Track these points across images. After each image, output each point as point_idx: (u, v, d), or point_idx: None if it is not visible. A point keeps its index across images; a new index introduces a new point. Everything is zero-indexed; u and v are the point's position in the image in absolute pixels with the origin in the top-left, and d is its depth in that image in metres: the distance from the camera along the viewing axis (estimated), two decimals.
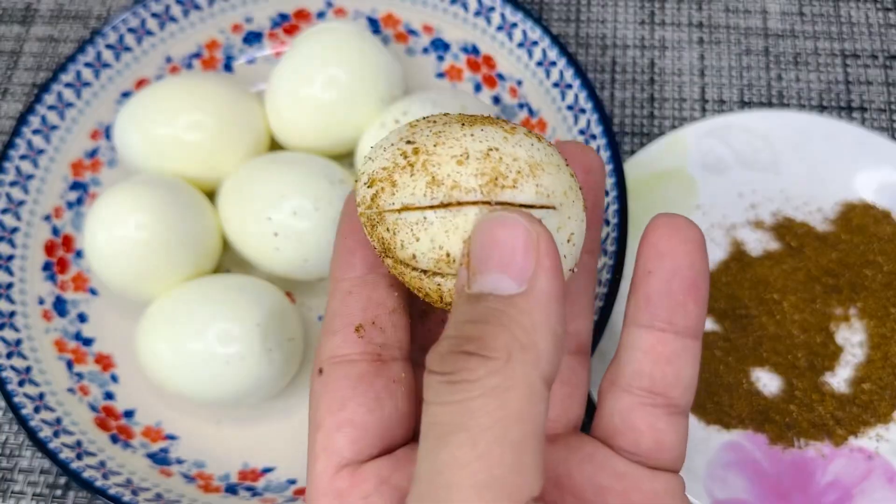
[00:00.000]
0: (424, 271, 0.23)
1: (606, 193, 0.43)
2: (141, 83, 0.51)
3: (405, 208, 0.23)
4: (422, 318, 0.29)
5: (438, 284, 0.23)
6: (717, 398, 0.44)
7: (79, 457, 0.40)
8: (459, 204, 0.22)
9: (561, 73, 0.46)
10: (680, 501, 0.25)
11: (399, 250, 0.23)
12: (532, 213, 0.22)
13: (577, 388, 0.28)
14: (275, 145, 0.49)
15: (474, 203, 0.22)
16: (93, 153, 0.50)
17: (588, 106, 0.45)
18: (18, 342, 0.44)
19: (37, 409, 0.42)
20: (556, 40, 0.47)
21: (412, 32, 0.52)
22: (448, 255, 0.23)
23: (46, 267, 0.47)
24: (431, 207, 0.22)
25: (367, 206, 0.24)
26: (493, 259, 0.21)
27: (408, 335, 0.27)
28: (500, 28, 0.49)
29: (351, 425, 0.24)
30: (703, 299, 0.25)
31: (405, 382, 0.26)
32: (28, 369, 0.43)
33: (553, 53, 0.47)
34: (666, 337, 0.25)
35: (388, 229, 0.23)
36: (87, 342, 0.46)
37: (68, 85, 0.49)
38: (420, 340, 0.29)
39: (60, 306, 0.46)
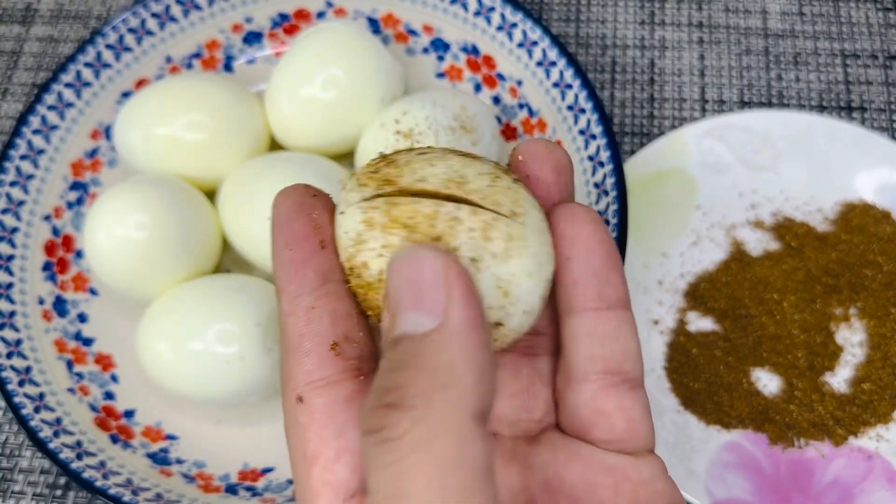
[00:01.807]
0: None
1: (606, 193, 0.43)
2: (141, 83, 0.51)
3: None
4: None
5: None
6: (717, 398, 0.44)
7: (79, 457, 0.40)
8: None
9: (561, 73, 0.46)
10: (667, 483, 0.25)
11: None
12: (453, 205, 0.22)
13: (543, 386, 0.27)
14: (275, 145, 0.49)
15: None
16: (93, 153, 0.50)
17: (588, 106, 0.45)
18: (18, 342, 0.44)
19: (37, 409, 0.42)
20: (556, 40, 0.47)
21: (412, 32, 0.52)
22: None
23: (46, 267, 0.47)
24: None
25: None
26: (404, 297, 0.20)
27: (373, 340, 0.25)
28: (500, 28, 0.49)
29: (350, 453, 0.22)
30: (621, 268, 0.25)
31: None
32: (28, 369, 0.43)
33: (553, 53, 0.47)
34: (602, 314, 0.25)
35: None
36: (87, 342, 0.46)
37: (68, 85, 0.49)
38: None
39: (60, 306, 0.46)
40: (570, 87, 0.46)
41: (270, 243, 0.25)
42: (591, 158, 0.44)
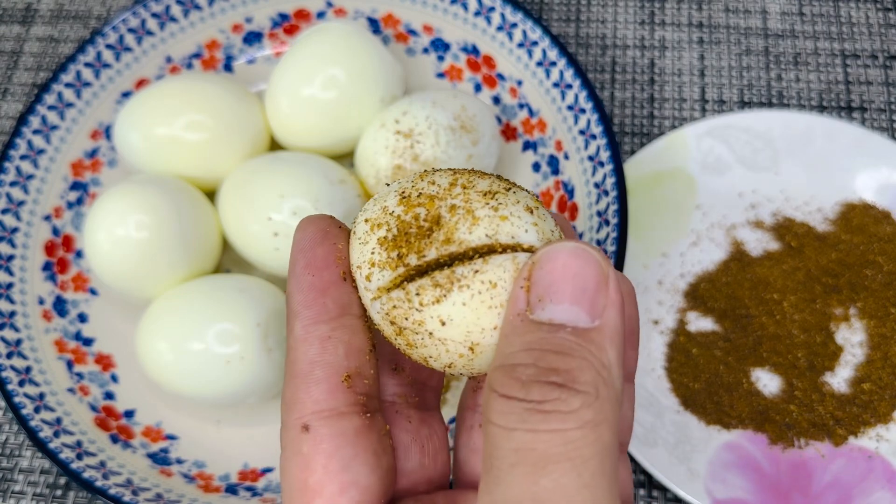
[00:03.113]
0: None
1: (606, 193, 0.43)
2: (141, 83, 0.51)
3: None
4: (395, 371, 0.28)
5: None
6: (717, 398, 0.44)
7: (79, 457, 0.40)
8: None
9: (561, 73, 0.46)
10: None
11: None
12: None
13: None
14: (275, 145, 0.49)
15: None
16: (93, 153, 0.50)
17: (588, 106, 0.45)
18: (18, 342, 0.44)
19: (37, 409, 0.42)
20: (556, 40, 0.47)
21: (412, 32, 0.52)
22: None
23: (46, 267, 0.47)
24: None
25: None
26: (567, 290, 0.21)
27: (379, 379, 0.25)
28: (500, 28, 0.49)
29: (356, 487, 0.22)
30: (637, 344, 0.26)
31: (389, 436, 0.24)
32: (28, 369, 0.43)
33: (553, 53, 0.47)
34: None
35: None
36: (87, 342, 0.46)
37: (68, 85, 0.49)
38: (409, 372, 0.27)
39: (60, 306, 0.46)
40: (570, 87, 0.46)
41: (290, 265, 0.24)
42: (591, 158, 0.44)
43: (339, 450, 0.22)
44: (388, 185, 0.27)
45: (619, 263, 0.41)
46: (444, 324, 0.22)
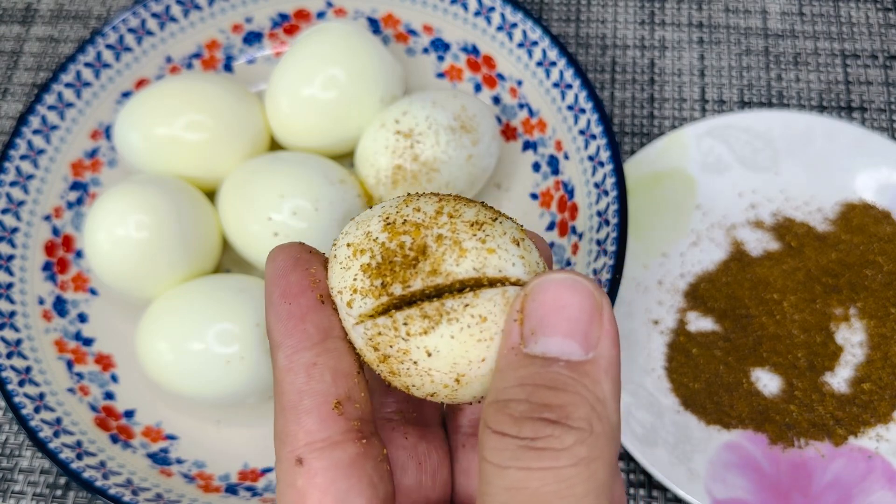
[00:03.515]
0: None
1: (606, 193, 0.43)
2: (141, 83, 0.51)
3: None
4: (391, 387, 0.28)
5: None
6: (717, 398, 0.44)
7: (79, 457, 0.40)
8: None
9: (561, 73, 0.46)
10: None
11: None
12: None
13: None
14: (275, 145, 0.49)
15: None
16: (93, 153, 0.50)
17: (588, 106, 0.45)
18: (18, 342, 0.44)
19: (37, 409, 0.42)
20: (556, 40, 0.47)
21: (412, 32, 0.52)
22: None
23: (46, 267, 0.47)
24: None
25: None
26: (559, 322, 0.21)
27: (372, 401, 0.25)
28: (500, 28, 0.49)
29: None
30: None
31: (387, 460, 0.24)
32: (28, 369, 0.43)
33: (553, 53, 0.47)
34: None
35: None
36: (87, 342, 0.46)
37: (68, 85, 0.49)
38: (389, 407, 0.27)
39: (60, 306, 0.46)
40: (570, 87, 0.46)
41: (266, 297, 0.24)
42: (591, 158, 0.44)
43: (333, 484, 0.22)
44: (369, 207, 0.27)
45: (618, 263, 0.41)
46: (430, 355, 0.22)
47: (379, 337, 0.22)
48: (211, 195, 0.47)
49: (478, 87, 0.51)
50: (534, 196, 0.48)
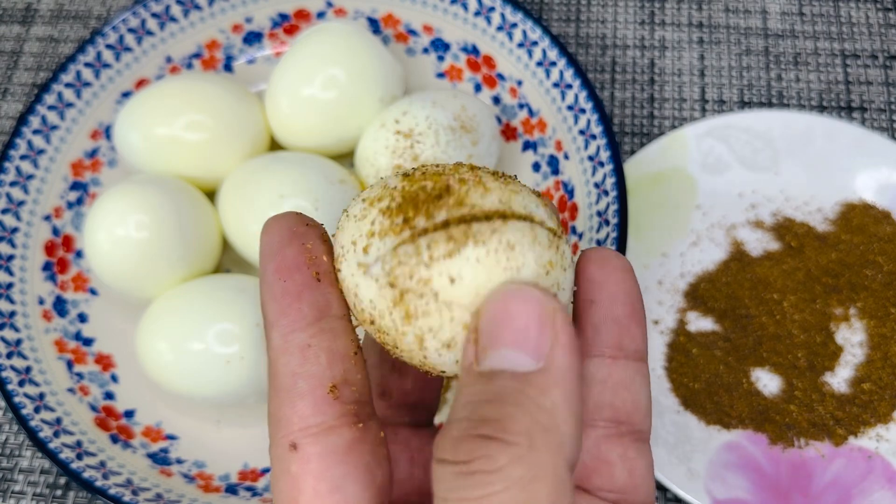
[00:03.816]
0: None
1: (606, 193, 0.43)
2: (141, 83, 0.51)
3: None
4: (399, 373, 0.27)
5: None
6: (717, 398, 0.44)
7: (79, 457, 0.40)
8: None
9: (561, 73, 0.46)
10: None
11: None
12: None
13: None
14: (275, 145, 0.49)
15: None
16: (93, 153, 0.50)
17: (588, 106, 0.45)
18: (18, 342, 0.44)
19: (37, 409, 0.42)
20: (556, 40, 0.47)
21: (412, 32, 0.52)
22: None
23: (46, 267, 0.47)
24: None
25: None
26: (506, 334, 0.19)
27: (370, 383, 0.24)
28: (500, 28, 0.49)
29: None
30: (643, 321, 0.25)
31: (384, 443, 0.23)
32: (28, 369, 0.43)
33: (553, 53, 0.47)
34: (618, 363, 0.24)
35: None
36: (87, 342, 0.46)
37: (68, 85, 0.49)
38: (397, 398, 0.26)
39: (60, 306, 0.46)
40: (570, 87, 0.46)
41: (260, 271, 0.23)
42: (591, 158, 0.44)
43: (328, 470, 0.21)
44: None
45: None
46: (452, 281, 0.20)
47: (398, 268, 0.21)
48: (211, 195, 0.47)
49: (478, 87, 0.51)
50: None
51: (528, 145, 0.49)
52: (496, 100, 0.50)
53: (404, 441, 0.25)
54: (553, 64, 0.47)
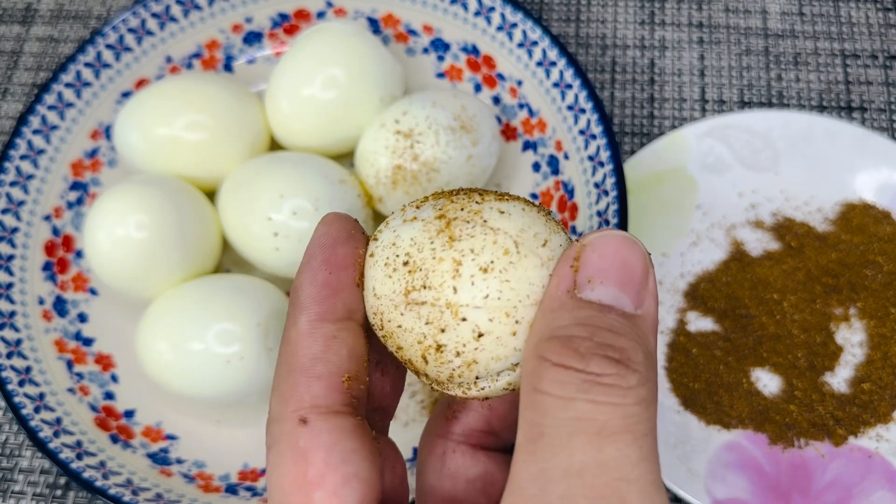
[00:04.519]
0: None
1: (606, 193, 0.43)
2: (141, 83, 0.51)
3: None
4: (381, 372, 0.27)
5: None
6: (717, 398, 0.44)
7: (79, 457, 0.40)
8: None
9: (561, 73, 0.46)
10: None
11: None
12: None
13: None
14: (275, 145, 0.49)
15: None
16: (93, 153, 0.50)
17: (588, 106, 0.45)
18: (18, 342, 0.44)
19: (37, 409, 0.42)
20: (556, 40, 0.47)
21: (412, 32, 0.52)
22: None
23: (46, 267, 0.47)
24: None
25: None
26: (616, 275, 0.22)
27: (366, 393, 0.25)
28: (500, 28, 0.49)
29: (358, 479, 0.22)
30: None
31: (377, 440, 0.24)
32: (28, 369, 0.43)
33: (553, 53, 0.47)
34: None
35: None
36: (87, 342, 0.46)
37: (68, 85, 0.49)
38: (376, 398, 0.27)
39: (60, 306, 0.46)
40: (570, 87, 0.46)
41: (306, 258, 0.24)
42: (591, 158, 0.44)
43: (339, 443, 0.22)
44: (372, 209, 0.28)
45: None
46: (501, 213, 0.22)
47: (451, 205, 0.23)
48: (211, 195, 0.47)
49: (478, 87, 0.51)
50: (534, 196, 0.48)
51: (528, 145, 0.49)
52: (496, 100, 0.50)
53: (382, 450, 0.25)
54: (553, 64, 0.47)
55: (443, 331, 0.22)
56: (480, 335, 0.22)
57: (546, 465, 0.20)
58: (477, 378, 0.23)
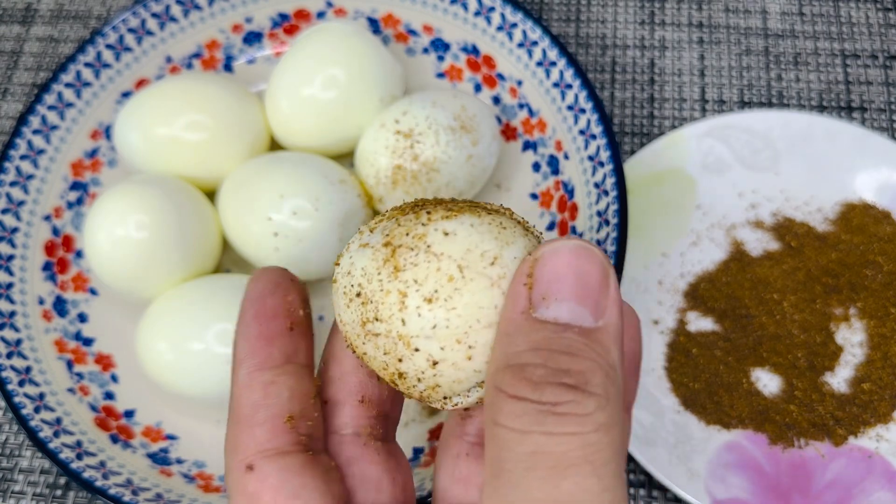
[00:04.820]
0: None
1: (606, 193, 0.43)
2: (141, 83, 0.51)
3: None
4: (377, 378, 0.28)
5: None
6: (717, 398, 0.44)
7: (79, 457, 0.40)
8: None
9: (561, 73, 0.46)
10: None
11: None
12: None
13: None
14: (275, 145, 0.49)
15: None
16: (93, 153, 0.50)
17: (588, 106, 0.45)
18: (18, 342, 0.44)
19: (37, 409, 0.42)
20: (556, 40, 0.47)
21: (412, 32, 0.52)
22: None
23: (46, 267, 0.47)
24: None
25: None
26: (571, 288, 0.21)
27: (324, 425, 0.25)
28: (500, 28, 0.49)
29: None
30: (639, 374, 0.26)
31: (336, 470, 0.24)
32: (28, 369, 0.43)
33: (553, 53, 0.47)
34: None
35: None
36: (87, 342, 0.46)
37: (68, 85, 0.49)
38: (375, 404, 0.27)
39: (60, 306, 0.46)
40: (570, 87, 0.46)
41: (239, 315, 0.25)
42: (591, 158, 0.44)
43: (286, 482, 0.22)
44: (371, 209, 0.28)
45: (619, 263, 0.41)
46: (446, 235, 0.21)
47: (397, 228, 0.22)
48: (211, 195, 0.47)
49: (478, 87, 0.51)
50: (534, 196, 0.48)
51: (528, 145, 0.49)
52: (496, 100, 0.50)
53: (384, 462, 0.26)
54: (553, 64, 0.47)
55: (400, 360, 0.22)
56: (435, 363, 0.21)
57: (506, 500, 0.20)
58: (446, 398, 0.22)
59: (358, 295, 0.22)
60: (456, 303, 0.21)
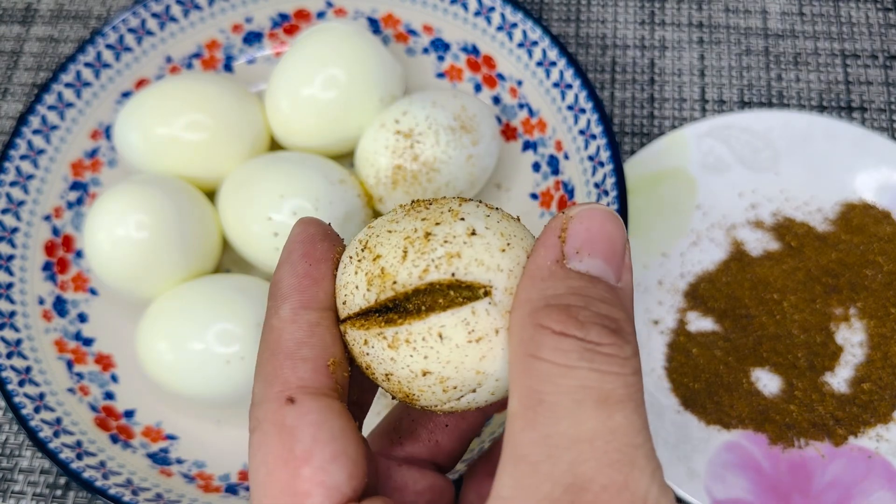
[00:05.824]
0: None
1: (606, 193, 0.43)
2: (141, 83, 0.51)
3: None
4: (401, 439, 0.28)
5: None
6: (717, 398, 0.44)
7: (79, 457, 0.40)
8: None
9: (561, 73, 0.46)
10: None
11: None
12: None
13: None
14: (275, 145, 0.49)
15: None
16: (93, 153, 0.50)
17: (588, 106, 0.45)
18: (18, 342, 0.44)
19: (37, 409, 0.42)
20: (556, 40, 0.47)
21: (412, 32, 0.52)
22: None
23: (46, 267, 0.47)
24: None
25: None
26: (603, 248, 0.22)
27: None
28: (500, 28, 0.49)
29: (347, 457, 0.22)
30: None
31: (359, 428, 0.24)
32: (28, 369, 0.43)
33: (553, 53, 0.47)
34: None
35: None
36: (87, 342, 0.46)
37: (68, 85, 0.49)
38: (399, 453, 0.28)
39: (60, 306, 0.46)
40: (570, 87, 0.46)
41: (284, 254, 0.24)
42: (591, 158, 0.44)
43: (328, 421, 0.22)
44: (371, 210, 0.28)
45: None
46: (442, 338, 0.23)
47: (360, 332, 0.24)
48: (211, 195, 0.47)
49: (478, 87, 0.51)
50: (534, 196, 0.48)
51: (528, 145, 0.49)
52: (496, 100, 0.50)
53: (409, 481, 0.27)
54: (553, 64, 0.47)
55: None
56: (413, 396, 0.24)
57: (549, 431, 0.20)
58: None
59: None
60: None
